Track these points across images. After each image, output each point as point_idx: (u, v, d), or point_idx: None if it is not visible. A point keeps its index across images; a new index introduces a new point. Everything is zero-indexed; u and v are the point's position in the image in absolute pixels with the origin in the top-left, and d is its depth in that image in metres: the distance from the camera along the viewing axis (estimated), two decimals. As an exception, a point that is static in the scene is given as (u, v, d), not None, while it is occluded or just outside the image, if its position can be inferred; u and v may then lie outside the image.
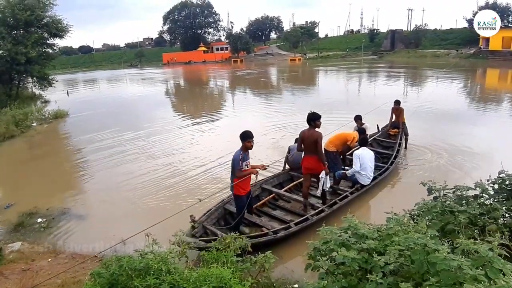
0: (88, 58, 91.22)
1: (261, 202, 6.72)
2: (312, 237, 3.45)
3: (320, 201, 6.54)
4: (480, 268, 2.17)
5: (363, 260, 2.58)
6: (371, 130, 9.70)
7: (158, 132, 13.94)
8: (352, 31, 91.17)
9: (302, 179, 6.82)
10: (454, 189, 3.74)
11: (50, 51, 23.62)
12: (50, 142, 14.33)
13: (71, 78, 52.84)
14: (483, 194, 3.65)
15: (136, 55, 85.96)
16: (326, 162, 6.32)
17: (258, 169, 5.70)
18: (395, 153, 8.62)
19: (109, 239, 5.45)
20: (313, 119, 6.04)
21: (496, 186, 3.77)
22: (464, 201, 3.61)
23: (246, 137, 5.39)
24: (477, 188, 3.67)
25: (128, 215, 7.05)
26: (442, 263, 2.15)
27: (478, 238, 3.10)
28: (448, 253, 2.24)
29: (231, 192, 5.76)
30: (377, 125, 10.46)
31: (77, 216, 7.10)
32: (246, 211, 5.76)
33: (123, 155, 11.16)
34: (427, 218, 3.40)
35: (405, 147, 9.87)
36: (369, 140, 8.73)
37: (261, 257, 3.41)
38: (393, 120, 10.24)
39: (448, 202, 3.50)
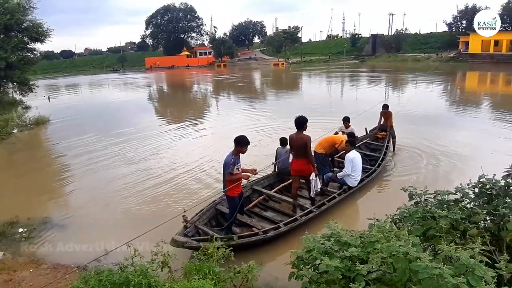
0: (69, 63, 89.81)
1: (252, 204, 6.81)
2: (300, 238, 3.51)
3: (309, 202, 6.66)
4: (462, 275, 2.17)
5: (346, 269, 2.57)
6: (359, 133, 9.98)
7: (140, 138, 13.77)
8: (331, 36, 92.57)
9: (291, 180, 6.91)
10: (435, 194, 3.77)
11: (31, 55, 23.14)
12: (31, 149, 13.98)
13: (52, 83, 51.91)
14: (464, 199, 3.69)
15: (118, 60, 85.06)
16: (315, 164, 6.47)
17: (249, 174, 5.70)
18: (382, 156, 8.79)
19: (93, 249, 5.39)
20: (302, 122, 6.16)
21: (476, 190, 3.81)
22: (445, 206, 3.64)
23: (242, 143, 5.41)
24: (458, 193, 3.70)
25: (111, 223, 6.92)
26: (424, 271, 2.15)
27: (460, 242, 3.12)
28: (430, 260, 2.24)
29: (223, 193, 5.82)
30: (366, 128, 10.71)
31: (59, 225, 6.91)
32: (239, 212, 5.86)
33: (106, 161, 10.96)
34: (409, 223, 3.42)
35: (393, 150, 10.05)
36: (359, 143, 9.16)
37: (245, 267, 3.36)
38: (381, 123, 10.45)
39: (429, 207, 3.53)
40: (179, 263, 3.56)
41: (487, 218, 3.48)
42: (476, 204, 3.70)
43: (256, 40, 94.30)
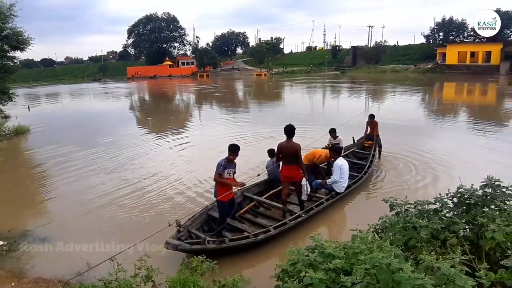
0: (50, 72, 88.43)
1: (243, 210, 6.98)
2: (292, 242, 3.72)
3: (298, 208, 6.87)
4: (443, 285, 2.21)
5: (331, 281, 2.58)
6: (346, 142, 10.32)
7: (122, 147, 13.59)
8: (310, 47, 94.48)
9: (281, 187, 7.12)
10: (415, 204, 3.84)
11: (11, 64, 22.53)
12: (10, 160, 13.59)
13: (33, 92, 50.99)
14: (443, 208, 3.76)
15: (100, 69, 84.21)
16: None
17: (236, 186, 6.08)
18: (368, 163, 9.10)
19: (75, 263, 5.32)
20: (293, 131, 6.42)
21: (455, 200, 3.90)
22: (426, 216, 3.71)
23: (229, 150, 5.86)
24: (437, 203, 3.78)
25: (95, 235, 6.72)
26: (407, 282, 2.18)
27: (440, 252, 3.18)
28: (412, 271, 2.28)
29: (215, 199, 6.11)
30: (353, 137, 11.02)
31: (40, 238, 6.71)
32: (230, 217, 6.21)
33: (87, 171, 10.74)
34: (390, 233, 3.47)
35: (379, 158, 10.37)
36: (346, 152, 9.76)
37: (230, 280, 3.33)
38: (368, 132, 10.77)
39: (410, 217, 3.59)
40: (163, 276, 3.50)
41: (466, 227, 3.56)
42: (455, 213, 3.78)
43: (239, 50, 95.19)
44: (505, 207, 3.39)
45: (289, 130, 6.40)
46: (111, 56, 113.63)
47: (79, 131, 18.13)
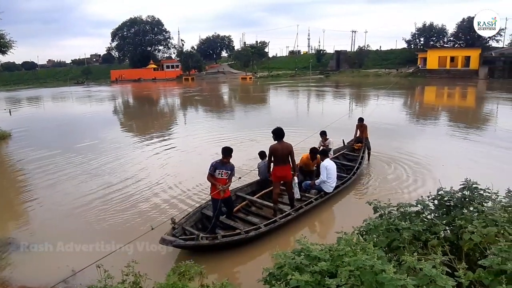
0: (32, 75, 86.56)
1: (236, 208, 7.18)
2: (282, 239, 4.08)
3: (288, 207, 7.12)
4: (425, 286, 2.30)
5: (316, 283, 2.63)
6: (337, 144, 10.87)
7: (104, 151, 13.43)
8: (292, 51, 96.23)
9: (272, 188, 7.34)
10: (397, 207, 3.95)
11: (-9, 67, 22.04)
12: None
13: (14, 95, 49.94)
14: (424, 210, 3.88)
15: (83, 72, 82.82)
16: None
17: (221, 187, 6.17)
18: (357, 165, 9.39)
19: (61, 270, 5.24)
20: (283, 133, 6.74)
21: (436, 202, 4.02)
22: (408, 218, 3.81)
23: (222, 153, 6.21)
24: (419, 205, 3.89)
25: (79, 242, 6.63)
26: (390, 283, 2.26)
27: (422, 253, 3.28)
28: (395, 272, 2.36)
29: (210, 197, 6.45)
30: (343, 140, 11.32)
31: (24, 246, 6.52)
32: (225, 215, 6.62)
33: (70, 177, 10.55)
34: (374, 235, 3.56)
35: (368, 160, 10.60)
36: (336, 154, 10.24)
37: (218, 284, 3.36)
38: (357, 135, 11.03)
39: (392, 219, 3.69)
40: (151, 282, 3.50)
41: (447, 228, 3.68)
42: (436, 215, 3.90)
43: (224, 54, 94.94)
44: (483, 209, 3.52)
45: (279, 132, 6.70)
46: (94, 59, 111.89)
47: (61, 135, 17.83)
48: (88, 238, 6.55)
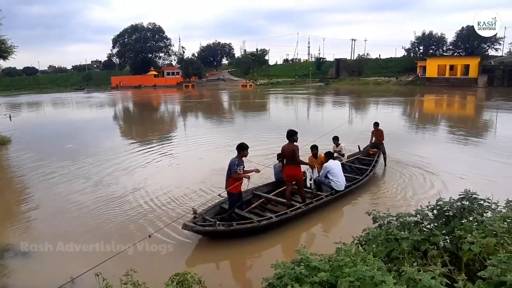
0: (32, 80, 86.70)
1: (253, 205, 7.70)
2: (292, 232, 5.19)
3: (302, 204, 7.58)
4: (424, 297, 2.30)
5: (316, 293, 2.62)
6: (353, 150, 11.43)
7: (104, 158, 13.36)
8: (291, 59, 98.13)
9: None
10: (397, 217, 3.94)
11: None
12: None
13: (14, 101, 49.97)
14: (423, 220, 3.87)
15: (83, 78, 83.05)
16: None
17: (252, 173, 7.00)
18: (370, 168, 9.77)
19: (60, 277, 5.12)
20: (292, 134, 7.27)
21: (435, 212, 4.01)
22: (407, 228, 3.80)
23: (243, 148, 6.81)
24: (418, 215, 3.89)
25: (78, 249, 6.58)
26: (389, 294, 2.25)
27: (421, 263, 3.27)
28: (395, 283, 2.36)
29: (226, 191, 7.03)
30: (358, 146, 11.60)
31: (22, 252, 6.48)
32: (237, 207, 7.07)
33: (70, 183, 10.51)
34: (373, 245, 3.54)
35: (385, 165, 10.84)
36: (351, 158, 10.71)
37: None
38: (373, 141, 11.19)
39: (391, 229, 3.68)
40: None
41: (446, 238, 3.67)
42: (435, 225, 3.89)
43: (224, 61, 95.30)
44: (482, 219, 3.51)
45: (287, 133, 7.31)
46: (95, 65, 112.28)
47: (63, 142, 17.65)
48: (88, 239, 6.58)
